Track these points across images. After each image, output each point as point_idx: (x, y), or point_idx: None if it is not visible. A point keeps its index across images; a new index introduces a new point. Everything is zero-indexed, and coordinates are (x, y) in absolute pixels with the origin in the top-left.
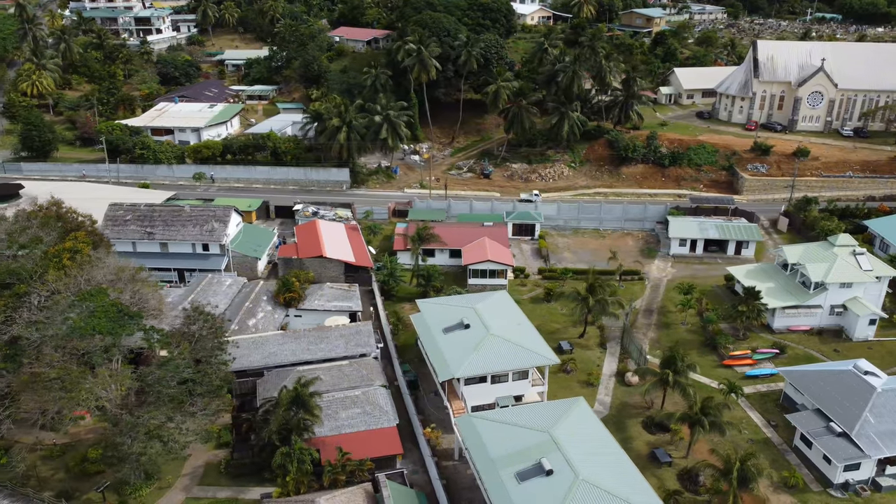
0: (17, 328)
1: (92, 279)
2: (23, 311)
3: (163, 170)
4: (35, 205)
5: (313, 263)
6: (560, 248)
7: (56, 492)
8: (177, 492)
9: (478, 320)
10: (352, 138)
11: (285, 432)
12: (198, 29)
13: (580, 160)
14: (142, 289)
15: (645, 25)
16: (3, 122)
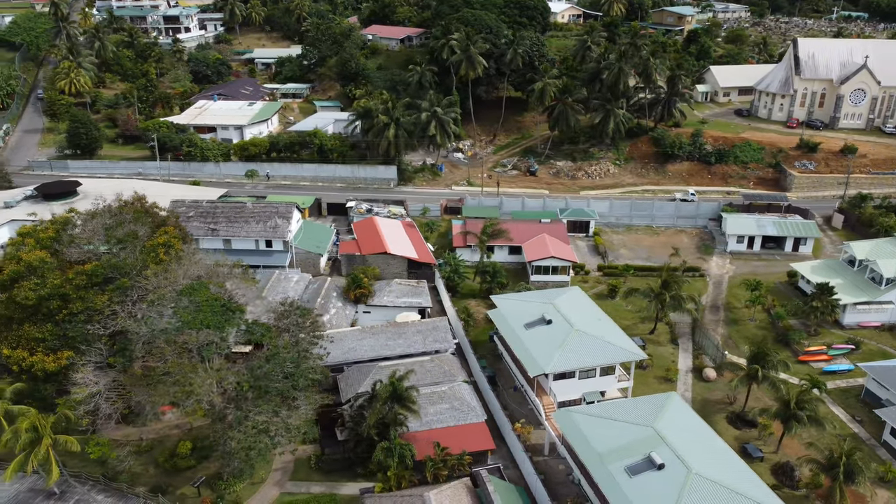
0: (124, 323)
1: (189, 274)
2: (125, 306)
3: (210, 167)
4: (120, 200)
5: (376, 260)
6: (615, 245)
7: (149, 487)
8: (270, 487)
9: (559, 316)
10: (399, 135)
11: (381, 427)
12: (224, 27)
13: (624, 157)
14: (240, 283)
15: (676, 23)
16: (42, 120)
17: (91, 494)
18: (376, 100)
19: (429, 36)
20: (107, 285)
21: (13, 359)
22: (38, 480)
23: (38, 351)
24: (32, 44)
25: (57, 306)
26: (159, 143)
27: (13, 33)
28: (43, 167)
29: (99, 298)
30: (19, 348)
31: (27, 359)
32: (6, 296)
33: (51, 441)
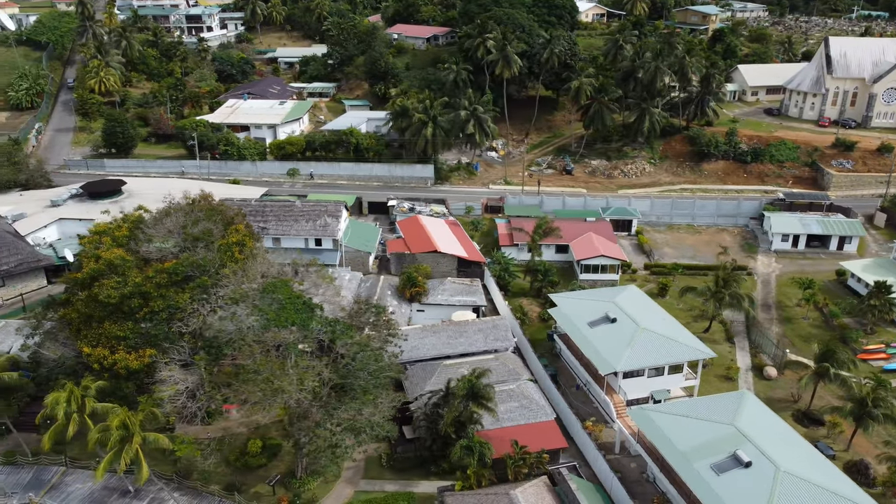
0: (208, 321)
1: (266, 272)
2: (205, 304)
3: (246, 166)
4: (187, 198)
5: (426, 258)
6: (659, 244)
7: (223, 485)
8: (343, 485)
9: (622, 314)
10: (437, 134)
11: (456, 425)
12: (245, 27)
13: (658, 156)
14: (319, 280)
15: (701, 22)
16: (73, 119)
17: (165, 493)
18: (413, 98)
19: (455, 35)
20: (186, 283)
21: (94, 357)
22: (111, 478)
23: (120, 349)
24: (58, 43)
25: (138, 304)
26: (187, 141)
27: (38, 32)
28: (79, 166)
29: (180, 297)
30: (99, 346)
31: (108, 357)
32: (86, 294)
33: (141, 439)
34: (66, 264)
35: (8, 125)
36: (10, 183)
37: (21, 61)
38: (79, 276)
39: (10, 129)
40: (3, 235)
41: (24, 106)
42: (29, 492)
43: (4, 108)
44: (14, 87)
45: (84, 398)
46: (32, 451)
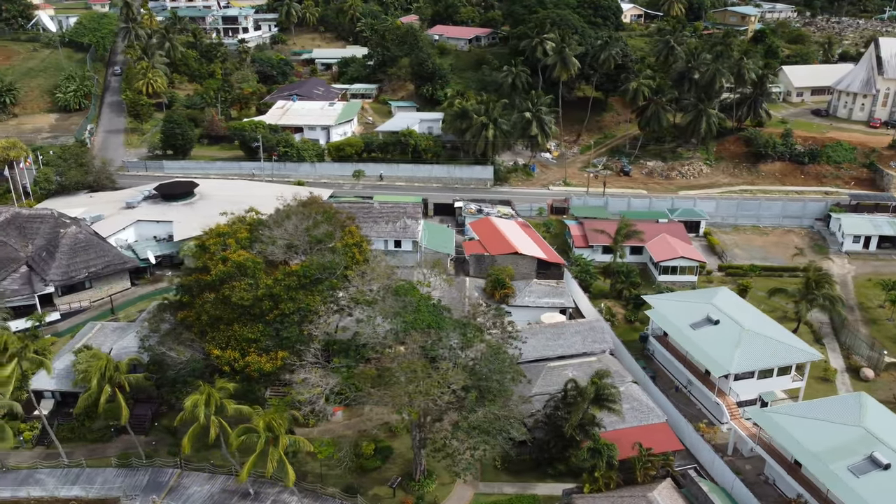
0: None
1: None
2: (332, 306)
3: (305, 167)
4: (296, 199)
5: (505, 260)
6: (727, 245)
7: (342, 487)
8: (462, 488)
9: (723, 316)
10: (497, 136)
11: (578, 427)
12: (278, 28)
13: (713, 157)
14: (443, 283)
15: (740, 23)
16: (123, 120)
17: (286, 495)
18: (472, 100)
19: (496, 35)
20: (314, 286)
21: (224, 359)
22: (228, 481)
23: (251, 351)
24: (99, 45)
25: (268, 307)
26: (250, 144)
27: (80, 34)
28: (137, 167)
29: (309, 299)
30: (229, 349)
31: (240, 359)
32: (213, 295)
33: (286, 441)
34: (147, 266)
35: (59, 127)
36: (78, 185)
37: (65, 63)
38: (207, 279)
39: (62, 131)
40: (90, 238)
41: (72, 107)
42: (149, 494)
43: (52, 110)
44: (62, 89)
45: (223, 400)
46: (146, 453)
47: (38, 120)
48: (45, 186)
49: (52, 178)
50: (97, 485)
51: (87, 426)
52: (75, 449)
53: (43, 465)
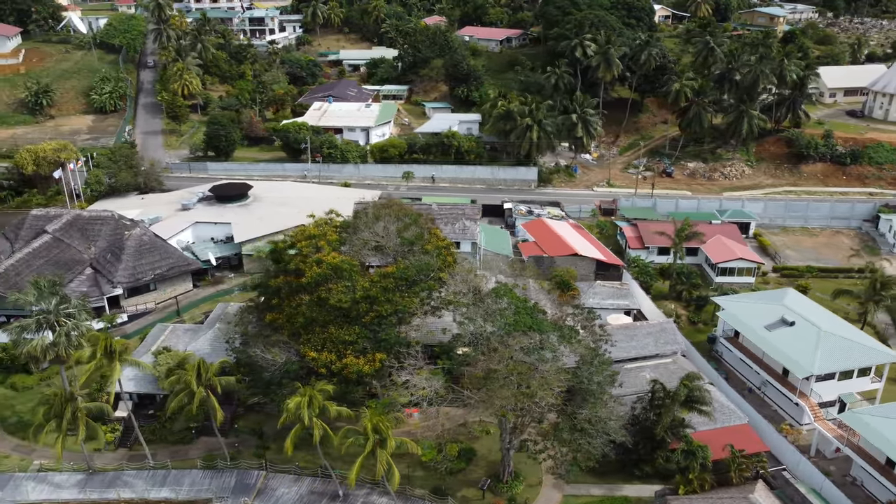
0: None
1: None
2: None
3: (349, 169)
4: (375, 201)
5: (564, 262)
6: (778, 246)
7: (429, 489)
8: (549, 489)
9: (798, 317)
10: (541, 137)
11: (670, 429)
12: (303, 29)
13: (754, 158)
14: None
15: (768, 24)
16: (159, 122)
17: (374, 496)
18: (515, 102)
19: (527, 36)
20: (409, 288)
21: (320, 361)
22: (315, 482)
23: (348, 353)
24: (130, 46)
25: (365, 309)
26: (292, 145)
27: (111, 35)
28: (180, 169)
29: (407, 301)
30: (325, 351)
31: (336, 362)
32: (308, 298)
33: (394, 444)
34: (208, 267)
35: (96, 128)
36: (128, 186)
37: (97, 64)
38: (302, 281)
39: (100, 133)
40: (154, 240)
41: (107, 109)
42: (238, 496)
43: (88, 112)
44: (97, 91)
45: (324, 402)
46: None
47: (75, 121)
48: (96, 188)
49: (102, 179)
50: (185, 486)
51: (167, 428)
52: (157, 451)
53: (129, 467)
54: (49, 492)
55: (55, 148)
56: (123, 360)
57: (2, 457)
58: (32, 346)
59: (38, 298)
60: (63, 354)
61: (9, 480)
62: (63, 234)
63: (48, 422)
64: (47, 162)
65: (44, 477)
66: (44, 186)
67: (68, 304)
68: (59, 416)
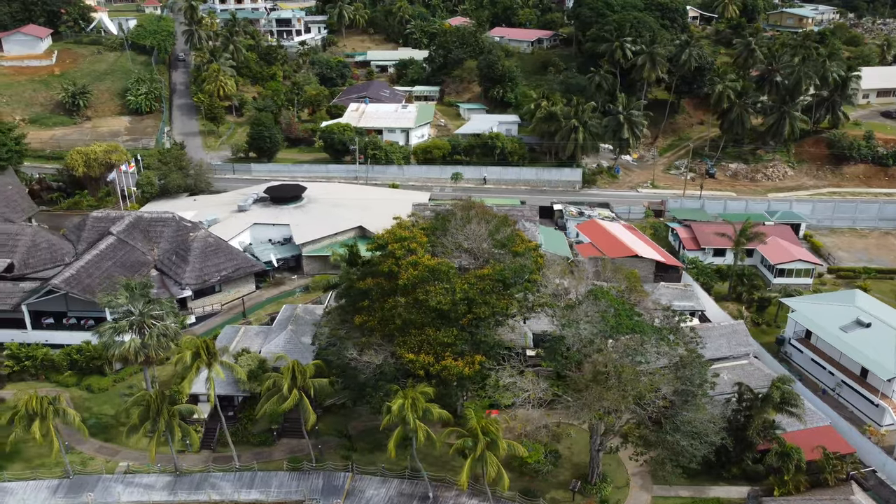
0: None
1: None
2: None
3: (393, 170)
4: (456, 203)
5: (623, 263)
6: (829, 248)
7: (519, 490)
8: (638, 491)
9: (873, 318)
10: (586, 138)
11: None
12: (328, 30)
13: (794, 159)
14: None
15: (796, 25)
16: (195, 123)
17: (463, 498)
18: (559, 103)
19: (558, 37)
20: (505, 290)
21: (418, 363)
22: (402, 484)
23: (446, 356)
24: (161, 47)
25: (463, 311)
26: (336, 146)
27: (141, 36)
28: (224, 170)
29: (503, 303)
30: (422, 353)
31: (434, 364)
32: (405, 300)
33: (505, 446)
34: (270, 269)
35: (134, 130)
36: (178, 188)
37: (131, 66)
38: (399, 284)
39: (139, 134)
40: (218, 241)
41: (143, 110)
42: (328, 497)
43: (123, 113)
44: (132, 92)
45: (427, 405)
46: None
47: (112, 123)
48: (148, 190)
49: (154, 181)
50: (273, 488)
51: (248, 430)
52: (240, 452)
53: (215, 469)
54: (139, 493)
55: (106, 150)
56: (222, 362)
57: (87, 458)
58: (125, 348)
59: (130, 300)
60: (153, 356)
61: (97, 482)
62: (126, 235)
63: (143, 423)
64: (98, 163)
65: (131, 479)
66: (94, 188)
67: (159, 306)
68: (153, 418)
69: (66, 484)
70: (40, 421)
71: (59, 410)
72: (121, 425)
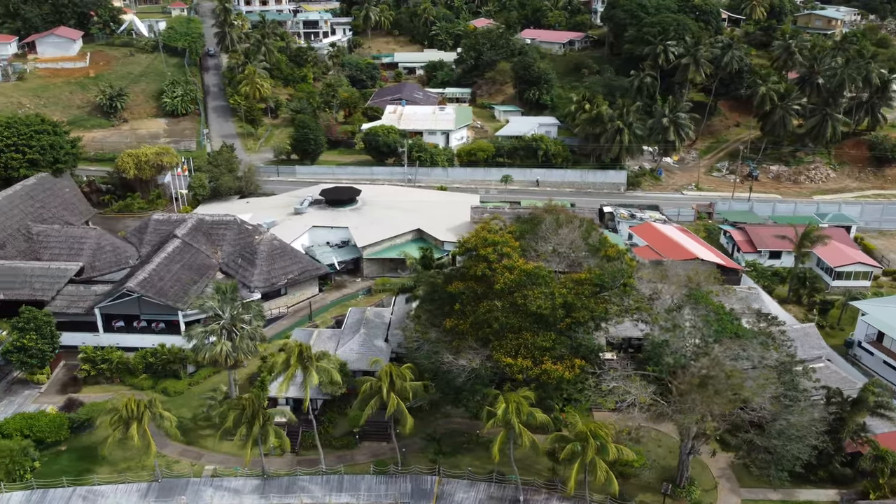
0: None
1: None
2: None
3: (437, 172)
4: (534, 207)
5: (682, 266)
6: (881, 250)
7: (608, 494)
8: (726, 494)
9: None
10: (632, 140)
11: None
12: (353, 32)
13: (835, 161)
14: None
15: (825, 27)
16: (231, 125)
17: (553, 502)
18: (604, 105)
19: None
20: (602, 293)
21: (516, 367)
22: (490, 487)
23: (545, 360)
24: (192, 49)
25: (561, 315)
26: (380, 148)
27: (172, 38)
28: (268, 172)
29: (601, 307)
30: (519, 357)
31: (533, 368)
32: (501, 303)
33: (615, 450)
34: (332, 272)
35: (173, 132)
36: (229, 190)
37: (164, 68)
38: (496, 288)
39: (178, 136)
40: (283, 244)
41: (179, 112)
42: (419, 501)
43: (158, 115)
44: (168, 94)
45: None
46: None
47: (149, 125)
48: (200, 192)
49: (205, 183)
50: (362, 492)
51: (329, 433)
52: (323, 455)
53: (302, 472)
54: (230, 497)
55: (157, 152)
56: (321, 366)
57: (172, 461)
58: (216, 351)
59: (221, 304)
60: (241, 359)
61: (186, 485)
62: (190, 238)
63: (237, 427)
64: (149, 166)
65: (219, 482)
66: (144, 190)
67: (248, 309)
68: (250, 422)
69: (156, 487)
70: (136, 424)
71: (155, 414)
72: (200, 428)
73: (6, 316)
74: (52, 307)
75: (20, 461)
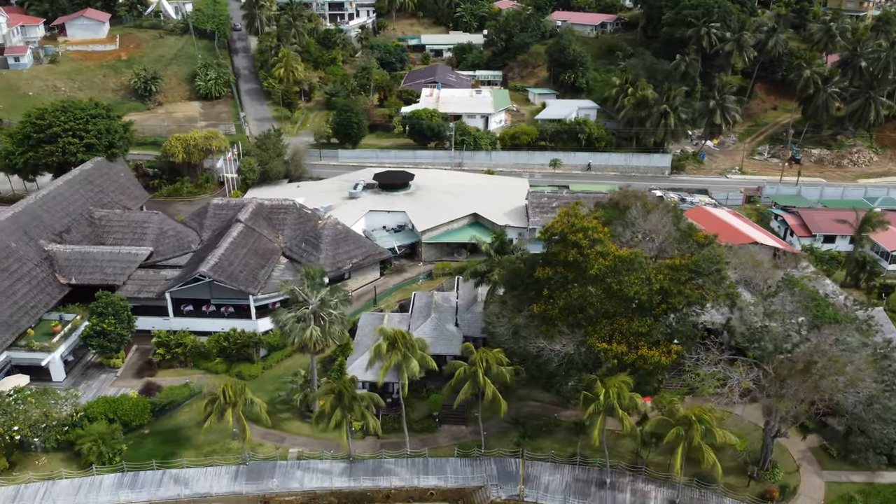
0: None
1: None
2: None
3: (480, 156)
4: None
5: (741, 250)
6: None
7: (691, 475)
8: (810, 476)
9: None
10: (677, 124)
11: None
12: (377, 13)
13: (877, 145)
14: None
15: (857, 9)
16: (266, 109)
17: (639, 484)
18: (648, 89)
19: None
20: (697, 279)
21: (611, 352)
22: (574, 470)
23: (641, 345)
24: (221, 31)
25: (657, 301)
26: (423, 131)
27: (201, 21)
28: (311, 156)
29: (697, 292)
30: (614, 342)
31: (628, 353)
32: (595, 290)
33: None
34: (393, 256)
35: (209, 115)
36: (278, 174)
37: (195, 51)
38: (590, 273)
39: (214, 120)
40: (347, 229)
41: (213, 96)
42: (506, 483)
43: (192, 98)
44: (201, 77)
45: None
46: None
47: (184, 108)
48: (250, 176)
49: (255, 167)
50: (449, 474)
51: (410, 416)
52: (404, 440)
53: (388, 455)
54: (319, 479)
55: (206, 136)
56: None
57: (256, 445)
58: (307, 336)
59: (311, 289)
60: (329, 344)
61: (274, 468)
62: (253, 223)
63: (334, 411)
64: (198, 150)
65: (307, 465)
66: (193, 174)
67: (336, 293)
68: (347, 406)
69: (244, 470)
70: (232, 409)
71: (247, 399)
72: (278, 412)
73: (77, 301)
74: (124, 292)
75: (110, 444)
